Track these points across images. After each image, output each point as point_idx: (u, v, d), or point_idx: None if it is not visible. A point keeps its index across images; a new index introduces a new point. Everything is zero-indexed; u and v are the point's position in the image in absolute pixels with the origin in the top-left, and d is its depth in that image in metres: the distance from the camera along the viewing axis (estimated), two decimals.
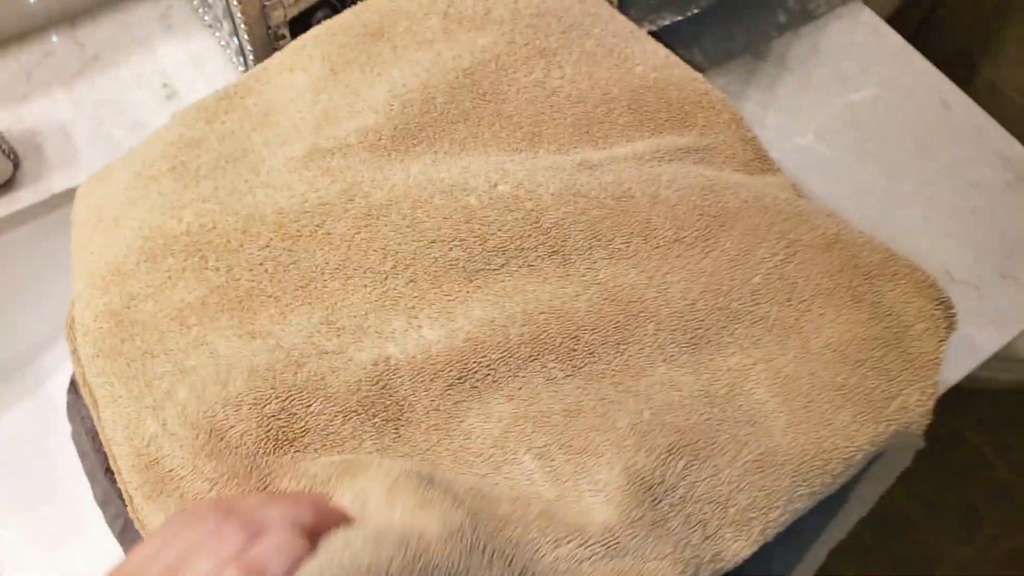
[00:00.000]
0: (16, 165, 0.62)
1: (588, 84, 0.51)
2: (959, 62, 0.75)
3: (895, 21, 0.80)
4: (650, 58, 0.53)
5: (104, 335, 0.44)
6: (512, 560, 0.36)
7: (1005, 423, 1.52)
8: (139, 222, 0.47)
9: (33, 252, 0.64)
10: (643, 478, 0.40)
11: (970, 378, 1.24)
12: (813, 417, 0.43)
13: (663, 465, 0.41)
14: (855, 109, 0.73)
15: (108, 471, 0.47)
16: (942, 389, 0.60)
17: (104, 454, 0.47)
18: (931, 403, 0.45)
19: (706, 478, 0.41)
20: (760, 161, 0.52)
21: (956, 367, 0.62)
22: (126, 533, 0.47)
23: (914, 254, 0.49)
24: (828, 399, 0.43)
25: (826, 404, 0.43)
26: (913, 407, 0.45)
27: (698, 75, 0.53)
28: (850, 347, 0.45)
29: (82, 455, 0.50)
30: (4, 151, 0.61)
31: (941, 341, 0.46)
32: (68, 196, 0.61)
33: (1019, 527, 1.43)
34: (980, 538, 1.41)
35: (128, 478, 0.42)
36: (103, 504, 0.48)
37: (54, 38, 0.70)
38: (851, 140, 0.71)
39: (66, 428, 0.51)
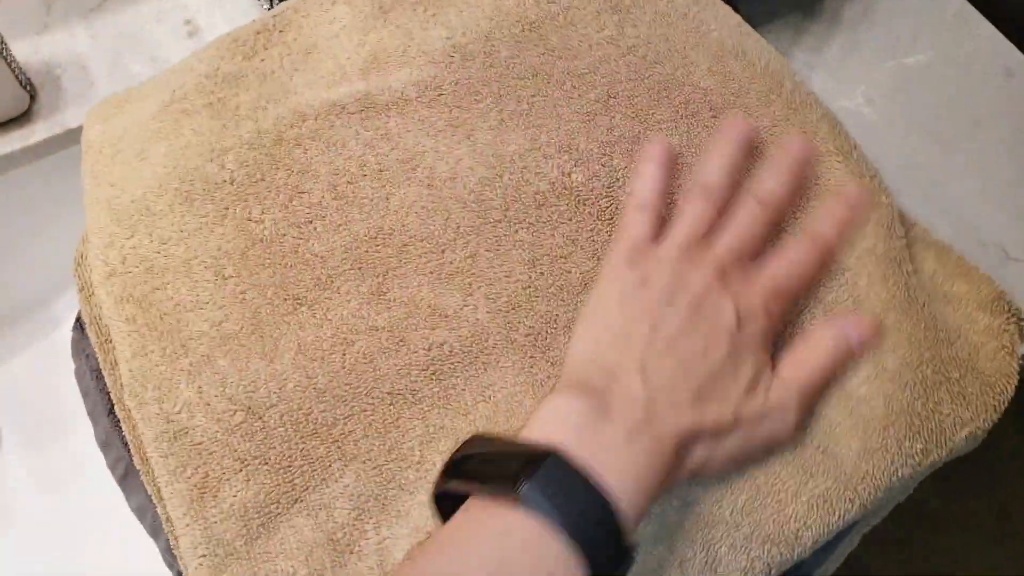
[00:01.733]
0: (33, 97, 0.55)
1: (665, 46, 0.44)
2: None
3: None
4: (723, 24, 0.46)
5: (135, 281, 0.38)
6: None
7: None
8: (173, 160, 0.41)
9: (47, 190, 0.58)
10: (700, 514, 0.36)
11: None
12: (890, 445, 0.38)
13: (721, 500, 0.36)
14: (907, 74, 0.66)
15: (111, 412, 0.42)
16: None
17: (107, 395, 0.42)
18: (995, 418, 0.40)
19: (771, 515, 0.36)
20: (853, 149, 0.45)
21: None
22: (127, 479, 0.43)
23: (968, 229, 0.43)
24: (906, 424, 0.38)
25: (904, 430, 0.38)
26: (978, 428, 0.40)
27: (771, 47, 0.46)
28: (924, 368, 0.39)
29: (85, 394, 0.45)
30: (21, 82, 0.53)
31: (1016, 358, 0.41)
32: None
33: None
34: (1013, 540, 1.33)
35: (155, 446, 0.36)
36: (104, 446, 0.44)
37: None
38: (901, 106, 0.65)
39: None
